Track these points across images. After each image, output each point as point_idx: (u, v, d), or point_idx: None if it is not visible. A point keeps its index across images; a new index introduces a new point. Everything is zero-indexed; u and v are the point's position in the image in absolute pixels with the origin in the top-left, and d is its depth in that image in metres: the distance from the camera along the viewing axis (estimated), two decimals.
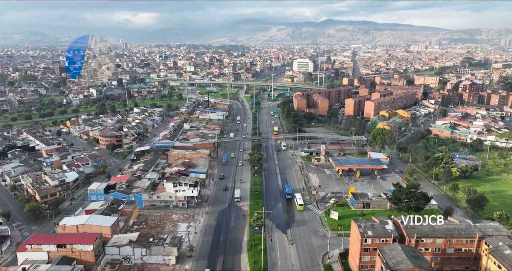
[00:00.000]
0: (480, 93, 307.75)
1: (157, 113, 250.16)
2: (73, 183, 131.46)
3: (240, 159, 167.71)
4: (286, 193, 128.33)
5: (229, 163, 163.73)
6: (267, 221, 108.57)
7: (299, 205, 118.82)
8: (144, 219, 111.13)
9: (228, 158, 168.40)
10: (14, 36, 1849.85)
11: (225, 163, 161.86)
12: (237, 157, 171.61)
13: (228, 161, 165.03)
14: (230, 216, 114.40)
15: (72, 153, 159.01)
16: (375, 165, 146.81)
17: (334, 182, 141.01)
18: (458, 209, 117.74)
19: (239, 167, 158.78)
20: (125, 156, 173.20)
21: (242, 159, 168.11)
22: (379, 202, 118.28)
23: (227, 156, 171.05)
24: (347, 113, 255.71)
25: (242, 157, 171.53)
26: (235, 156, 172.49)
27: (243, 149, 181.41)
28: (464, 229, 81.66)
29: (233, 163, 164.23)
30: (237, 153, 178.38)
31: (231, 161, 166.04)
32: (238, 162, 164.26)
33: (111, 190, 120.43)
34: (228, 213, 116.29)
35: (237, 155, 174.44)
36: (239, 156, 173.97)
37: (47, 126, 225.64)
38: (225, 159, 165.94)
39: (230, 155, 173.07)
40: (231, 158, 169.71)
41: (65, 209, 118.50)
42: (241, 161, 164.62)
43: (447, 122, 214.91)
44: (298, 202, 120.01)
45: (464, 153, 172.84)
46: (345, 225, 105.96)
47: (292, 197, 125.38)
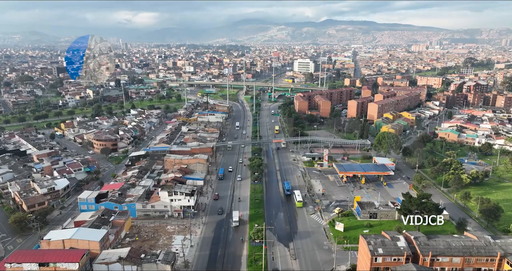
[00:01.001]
0: (485, 95, 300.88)
1: (154, 115, 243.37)
2: (64, 191, 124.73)
3: (239, 172, 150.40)
4: (285, 189, 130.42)
5: (227, 177, 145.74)
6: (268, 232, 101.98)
7: (298, 202, 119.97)
8: (137, 231, 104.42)
9: (225, 172, 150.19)
10: (14, 36, 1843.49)
11: (221, 177, 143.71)
12: (235, 170, 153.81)
13: (225, 175, 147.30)
14: (228, 227, 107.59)
15: (64, 158, 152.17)
16: (381, 171, 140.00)
17: (338, 189, 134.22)
18: (470, 219, 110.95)
19: (238, 182, 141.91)
20: (120, 161, 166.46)
21: (242, 172, 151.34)
22: (387, 212, 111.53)
23: (224, 169, 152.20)
24: (349, 116, 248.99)
25: (242, 170, 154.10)
26: (233, 169, 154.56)
27: (242, 161, 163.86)
28: (483, 246, 74.90)
29: (231, 177, 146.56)
30: (236, 165, 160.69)
31: (228, 176, 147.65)
32: (236, 176, 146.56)
33: (103, 198, 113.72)
34: (227, 224, 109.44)
35: (235, 168, 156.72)
36: (238, 169, 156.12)
37: (41, 129, 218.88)
38: (221, 172, 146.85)
39: (227, 168, 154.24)
40: (229, 172, 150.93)
41: (54, 219, 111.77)
42: (240, 174, 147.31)
43: (453, 125, 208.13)
44: (297, 199, 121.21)
45: (473, 157, 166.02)
46: (351, 238, 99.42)
47: (291, 194, 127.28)
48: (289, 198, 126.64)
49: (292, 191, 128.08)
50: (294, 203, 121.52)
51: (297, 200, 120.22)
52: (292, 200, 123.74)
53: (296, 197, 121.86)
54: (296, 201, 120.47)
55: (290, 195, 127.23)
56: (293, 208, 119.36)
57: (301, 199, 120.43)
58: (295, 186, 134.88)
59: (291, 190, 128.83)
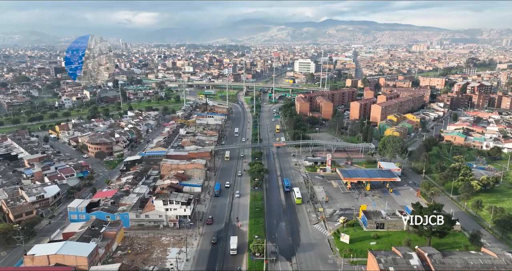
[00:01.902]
0: (491, 96, 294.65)
1: (152, 117, 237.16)
2: (54, 199, 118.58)
3: (238, 187, 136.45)
4: (284, 186, 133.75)
5: (223, 193, 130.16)
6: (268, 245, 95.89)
7: (297, 199, 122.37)
8: (130, 243, 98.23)
9: (222, 187, 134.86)
10: (13, 36, 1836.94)
11: (217, 194, 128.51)
12: (233, 186, 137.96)
13: (222, 191, 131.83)
14: (227, 238, 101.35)
15: (57, 163, 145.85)
16: (387, 177, 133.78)
17: (342, 197, 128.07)
18: (483, 229, 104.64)
19: (236, 199, 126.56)
20: (115, 165, 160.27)
21: (240, 186, 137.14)
22: (395, 222, 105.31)
23: (221, 183, 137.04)
24: (352, 117, 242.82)
25: (240, 184, 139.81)
26: (231, 184, 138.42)
27: (241, 174, 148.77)
28: (503, 265, 68.83)
29: (228, 193, 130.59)
30: (233, 179, 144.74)
31: (225, 192, 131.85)
32: (234, 192, 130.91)
33: (95, 207, 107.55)
34: (225, 235, 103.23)
35: (233, 182, 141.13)
36: (236, 183, 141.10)
37: (35, 132, 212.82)
38: (217, 188, 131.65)
39: (224, 182, 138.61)
40: (226, 188, 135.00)
41: (43, 230, 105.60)
42: (239, 190, 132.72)
43: (459, 128, 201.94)
44: (296, 196, 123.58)
45: (482, 162, 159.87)
46: (357, 250, 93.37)
47: (290, 190, 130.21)
48: (288, 196, 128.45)
49: (291, 188, 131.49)
50: (293, 199, 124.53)
51: (296, 197, 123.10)
52: (292, 197, 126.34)
53: (295, 194, 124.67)
54: (295, 198, 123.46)
55: (289, 192, 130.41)
56: (296, 218, 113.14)
57: (300, 196, 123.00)
58: (294, 184, 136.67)
59: (290, 187, 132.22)
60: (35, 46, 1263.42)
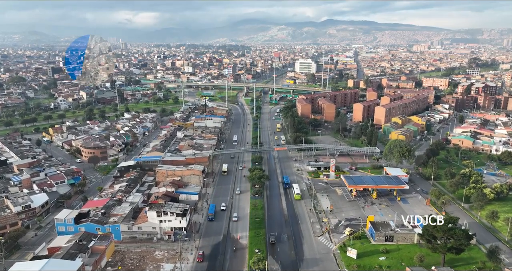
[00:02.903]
0: (496, 97, 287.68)
1: (149, 119, 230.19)
2: (42, 208, 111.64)
3: (235, 208, 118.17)
4: (284, 183, 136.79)
5: (218, 218, 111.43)
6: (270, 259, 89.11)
7: (296, 195, 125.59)
8: (120, 257, 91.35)
9: (217, 208, 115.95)
10: (13, 36, 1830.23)
11: (211, 218, 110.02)
12: (230, 208, 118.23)
13: (217, 213, 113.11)
14: (225, 252, 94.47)
15: (47, 169, 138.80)
16: (394, 184, 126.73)
17: (348, 205, 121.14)
18: (499, 242, 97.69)
19: (233, 223, 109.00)
20: (109, 170, 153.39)
21: (238, 207, 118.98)
22: (405, 235, 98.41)
23: (216, 205, 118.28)
24: (355, 120, 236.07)
25: (238, 204, 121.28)
26: (227, 207, 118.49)
27: (240, 191, 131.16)
28: None
29: (224, 217, 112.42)
30: (231, 200, 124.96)
31: (220, 215, 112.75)
32: (231, 215, 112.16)
33: (84, 218, 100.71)
34: (223, 249, 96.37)
35: (230, 204, 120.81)
36: (234, 203, 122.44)
37: (28, 134, 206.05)
38: (212, 212, 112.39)
39: (220, 203, 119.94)
40: (221, 210, 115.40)
41: (28, 242, 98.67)
42: (237, 212, 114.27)
43: (466, 131, 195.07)
44: (295, 192, 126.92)
45: (493, 167, 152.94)
46: (366, 266, 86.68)
47: (289, 187, 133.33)
48: (287, 193, 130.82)
49: (290, 184, 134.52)
50: (292, 195, 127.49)
51: (295, 193, 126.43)
52: (291, 194, 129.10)
53: (295, 190, 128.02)
54: (294, 194, 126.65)
55: (288, 188, 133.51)
56: (299, 229, 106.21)
57: (299, 192, 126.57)
58: (293, 180, 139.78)
59: (289, 184, 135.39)
60: (34, 46, 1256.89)
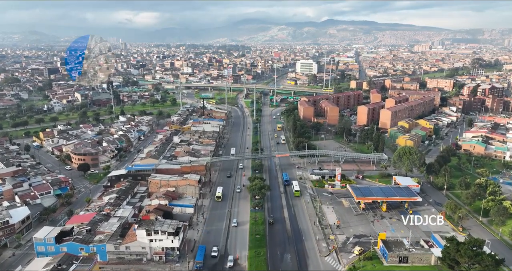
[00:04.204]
0: (505, 99, 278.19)
1: (145, 123, 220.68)
2: (22, 224, 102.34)
3: (230, 249, 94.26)
4: (283, 180, 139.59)
5: (209, 264, 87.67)
6: None
7: (295, 191, 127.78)
8: None
9: (207, 252, 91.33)
10: (13, 35, 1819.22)
11: (200, 267, 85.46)
12: (224, 248, 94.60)
13: (207, 259, 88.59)
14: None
15: (32, 178, 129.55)
16: (406, 196, 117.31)
17: (356, 219, 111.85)
18: None
19: None
20: (99, 179, 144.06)
21: (236, 247, 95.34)
22: (421, 255, 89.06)
23: (206, 247, 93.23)
24: (359, 123, 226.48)
25: (236, 244, 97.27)
26: (219, 251, 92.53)
27: (236, 223, 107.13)
28: None
29: (217, 263, 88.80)
30: (225, 233, 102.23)
31: (211, 262, 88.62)
32: (226, 260, 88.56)
33: (67, 237, 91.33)
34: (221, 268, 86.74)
35: (222, 246, 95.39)
36: (230, 242, 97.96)
37: (18, 139, 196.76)
38: (200, 258, 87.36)
39: (210, 244, 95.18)
40: (213, 257, 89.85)
41: (4, 263, 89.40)
42: (232, 254, 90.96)
43: (477, 135, 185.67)
44: (294, 188, 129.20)
45: (509, 176, 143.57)
46: None
47: (289, 184, 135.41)
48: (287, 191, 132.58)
49: (290, 181, 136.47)
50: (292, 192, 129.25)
51: (295, 190, 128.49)
52: (290, 191, 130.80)
53: (294, 187, 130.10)
54: (294, 191, 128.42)
55: (288, 185, 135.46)
56: (303, 248, 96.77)
57: (298, 189, 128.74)
58: (292, 178, 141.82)
59: (289, 181, 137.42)
60: (34, 46, 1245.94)
